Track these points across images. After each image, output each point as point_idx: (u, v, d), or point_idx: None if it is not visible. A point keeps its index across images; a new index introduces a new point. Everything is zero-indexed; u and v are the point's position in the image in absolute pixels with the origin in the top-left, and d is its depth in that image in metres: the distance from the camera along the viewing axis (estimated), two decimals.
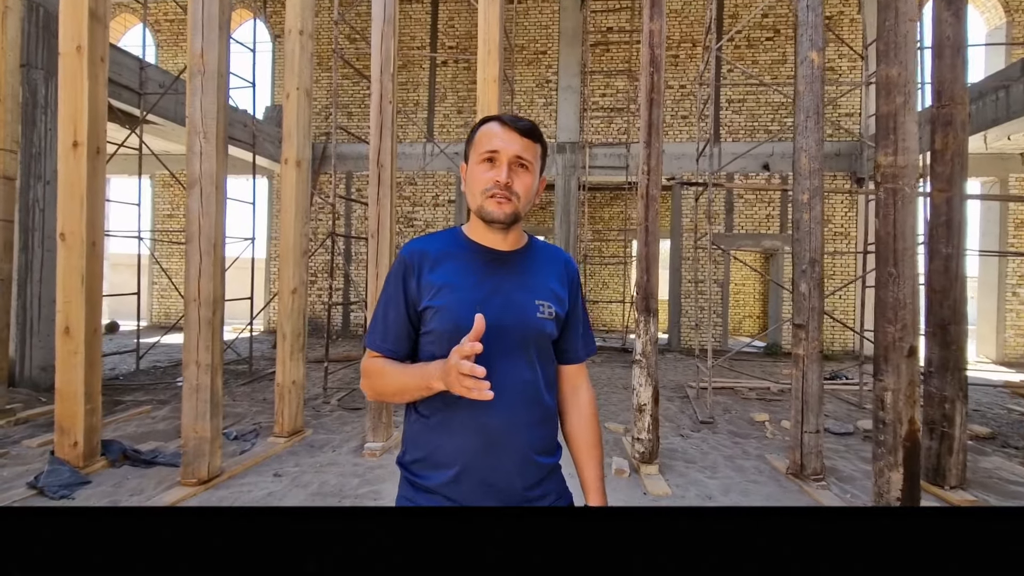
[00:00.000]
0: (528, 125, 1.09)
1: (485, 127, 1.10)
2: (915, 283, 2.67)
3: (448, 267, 1.10)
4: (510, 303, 1.10)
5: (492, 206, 1.06)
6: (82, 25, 3.25)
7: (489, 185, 1.06)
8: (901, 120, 2.65)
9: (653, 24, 3.72)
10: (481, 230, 1.13)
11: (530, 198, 1.11)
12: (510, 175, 1.06)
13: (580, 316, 1.24)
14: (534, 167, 1.10)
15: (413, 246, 1.13)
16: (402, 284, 1.11)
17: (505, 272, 1.12)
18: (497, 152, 1.06)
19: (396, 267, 1.13)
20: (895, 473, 2.70)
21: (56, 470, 3.22)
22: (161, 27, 12.57)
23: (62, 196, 3.30)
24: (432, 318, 1.08)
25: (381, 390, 1.11)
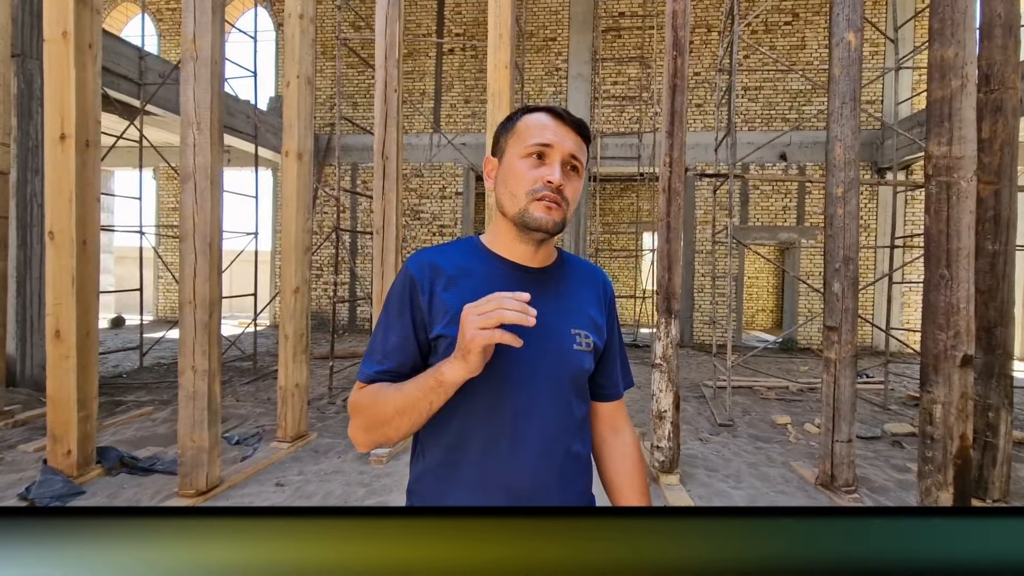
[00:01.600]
0: (581, 121, 0.90)
1: (532, 117, 0.89)
2: (970, 286, 2.44)
3: (466, 286, 0.89)
4: (543, 333, 0.88)
5: (540, 211, 0.86)
6: (67, 9, 3.05)
7: (538, 185, 0.86)
8: (957, 106, 2.40)
9: (676, 4, 3.46)
10: (508, 241, 0.92)
11: (575, 206, 0.91)
12: (563, 176, 0.87)
13: (619, 344, 1.05)
14: (583, 171, 0.91)
15: (423, 258, 0.92)
16: (409, 305, 0.89)
17: (536, 294, 0.90)
18: (550, 147, 0.86)
19: (400, 283, 0.91)
20: (944, 492, 2.48)
21: (48, 480, 3.07)
22: (163, 16, 12.37)
23: (50, 192, 3.12)
24: (446, 349, 0.86)
25: (378, 417, 0.85)
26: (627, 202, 14.18)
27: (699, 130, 10.35)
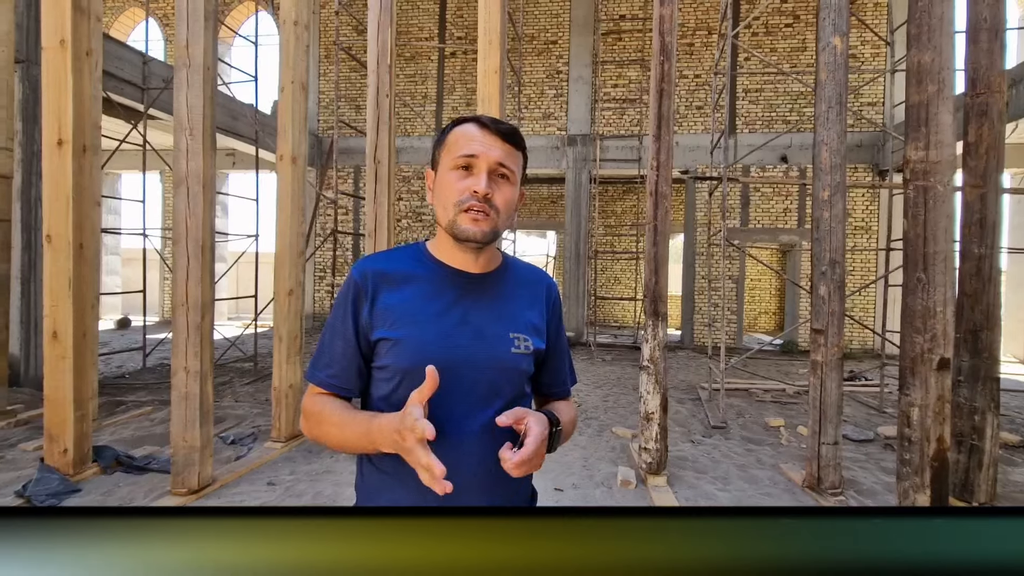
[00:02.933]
0: (511, 128, 0.92)
1: (460, 128, 0.93)
2: (947, 290, 2.45)
3: (407, 291, 0.94)
4: (480, 336, 0.93)
5: (467, 222, 0.89)
6: (65, 17, 3.12)
7: (464, 196, 0.89)
8: (934, 111, 2.42)
9: (664, 9, 3.50)
10: (449, 248, 0.96)
11: (510, 214, 0.94)
12: (490, 185, 0.89)
13: (565, 347, 1.09)
14: (515, 178, 0.93)
15: (366, 265, 0.96)
16: (352, 310, 0.94)
17: (476, 299, 0.96)
18: (475, 157, 0.89)
19: (345, 290, 0.96)
20: (921, 495, 2.50)
21: (45, 478, 3.14)
22: (169, 21, 12.52)
23: (47, 196, 3.20)
24: (388, 352, 0.92)
25: (323, 437, 0.93)
26: (629, 204, 14.19)
27: (699, 132, 10.36)
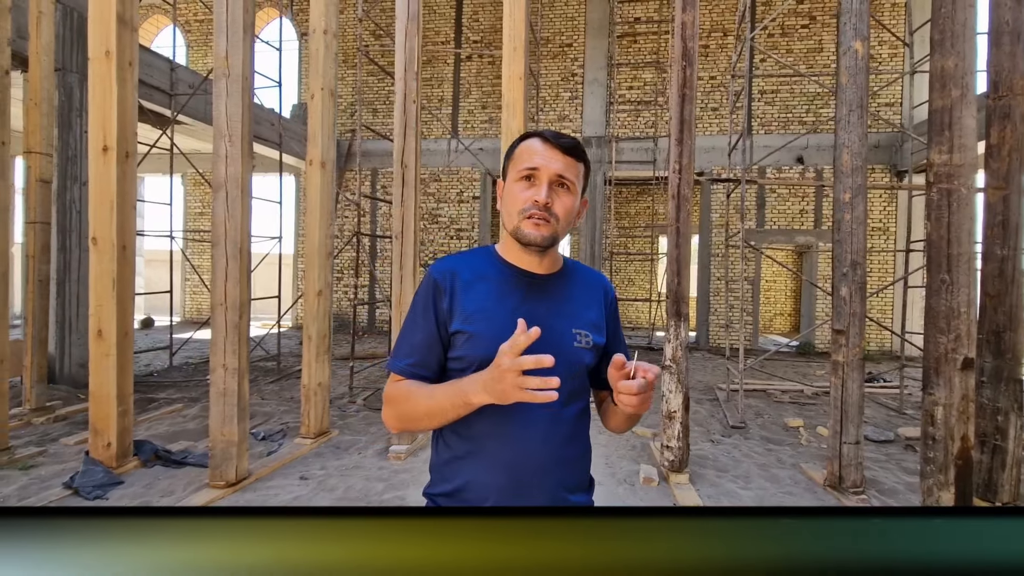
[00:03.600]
0: (571, 142, 1.01)
1: (525, 143, 1.03)
2: (971, 291, 2.49)
3: (481, 290, 1.03)
4: (547, 331, 1.02)
5: (529, 228, 0.99)
6: (110, 30, 3.27)
7: (527, 205, 0.99)
8: (957, 115, 2.47)
9: (686, 15, 3.56)
10: (516, 251, 1.06)
11: (570, 220, 1.03)
12: (550, 195, 0.99)
13: (622, 342, 1.17)
14: (576, 187, 1.02)
15: (444, 266, 1.07)
16: (432, 305, 1.03)
17: (541, 298, 1.05)
18: (537, 170, 0.99)
19: (425, 287, 1.06)
20: (945, 492, 2.54)
21: (90, 470, 3.28)
22: (191, 27, 12.79)
23: (93, 201, 3.34)
24: (463, 344, 1.01)
25: (409, 414, 1.01)
26: (643, 205, 14.21)
27: (715, 134, 10.37)
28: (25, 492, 3.19)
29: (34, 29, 4.47)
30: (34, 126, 4.51)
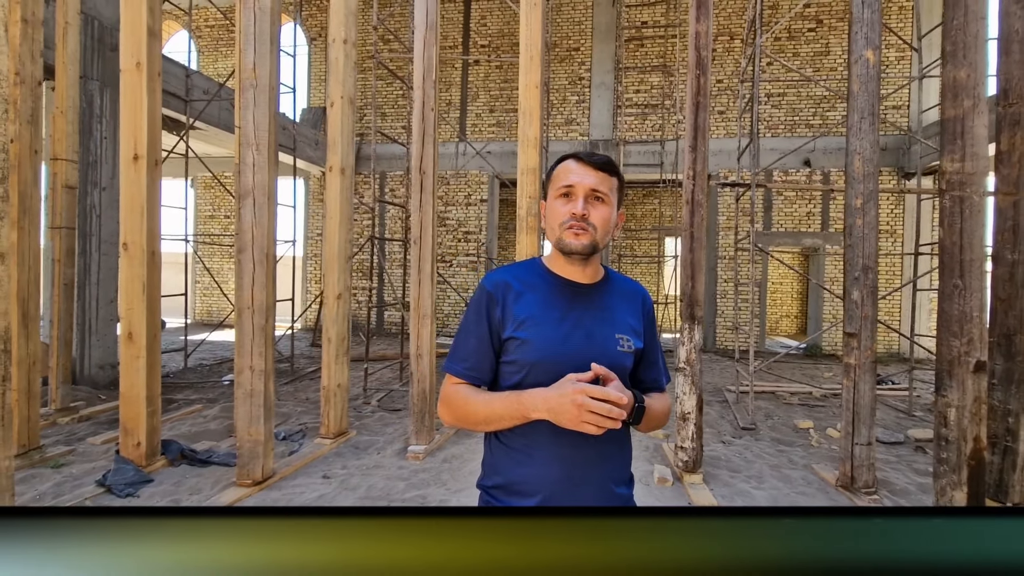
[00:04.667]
0: (604, 159, 1.11)
1: (562, 165, 1.13)
2: (983, 295, 2.56)
3: (530, 299, 1.13)
4: (592, 337, 1.11)
5: (570, 237, 1.09)
6: (141, 42, 3.37)
7: (566, 218, 1.09)
8: (969, 125, 2.54)
9: (700, 25, 3.64)
10: (561, 262, 1.15)
11: (608, 230, 1.12)
12: (586, 207, 1.08)
13: (658, 347, 1.25)
14: (611, 199, 1.11)
15: (496, 277, 1.16)
16: (486, 314, 1.13)
17: (586, 306, 1.14)
18: (573, 187, 1.09)
19: (478, 297, 1.16)
20: (959, 492, 2.60)
21: (121, 469, 3.38)
22: (202, 33, 12.94)
23: (124, 207, 3.44)
24: (516, 349, 1.10)
25: (466, 417, 1.12)
26: (649, 208, 14.28)
27: (721, 136, 10.43)
28: (60, 490, 3.28)
29: (60, 39, 4.58)
30: (60, 133, 4.62)
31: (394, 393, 6.16)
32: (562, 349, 1.08)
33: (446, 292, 11.25)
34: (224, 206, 12.84)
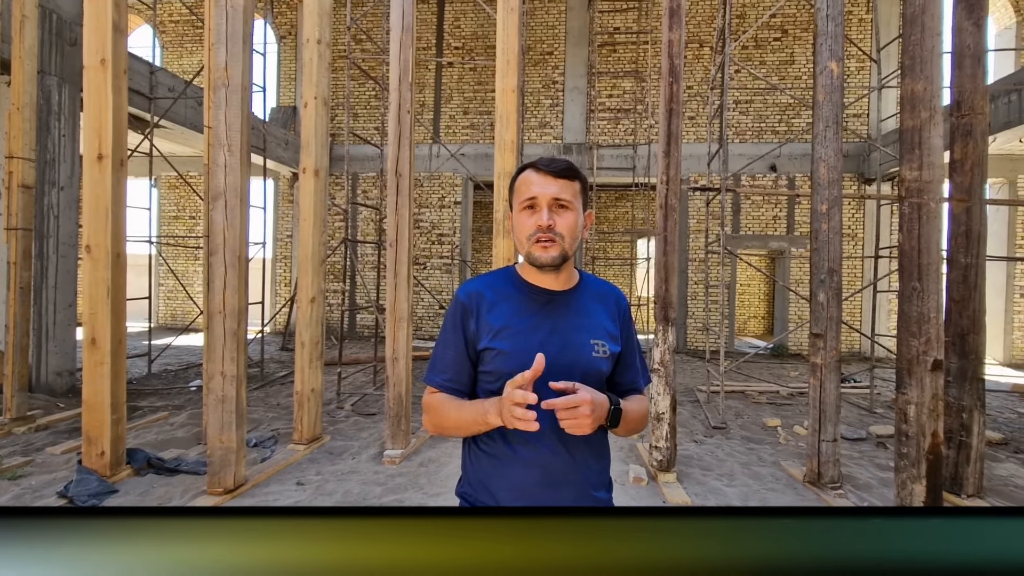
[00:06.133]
0: (563, 165, 1.11)
1: (522, 176, 1.13)
2: (939, 297, 2.69)
3: (505, 309, 1.14)
4: (567, 344, 1.13)
5: (538, 251, 1.09)
6: (106, 38, 3.26)
7: (533, 231, 1.09)
8: (927, 135, 2.67)
9: (672, 34, 3.72)
10: (533, 272, 1.16)
11: (576, 235, 1.12)
12: (551, 217, 1.09)
13: (635, 349, 1.27)
14: (575, 204, 1.11)
15: (469, 288, 1.17)
16: (461, 325, 1.15)
17: (560, 313, 1.15)
18: (535, 198, 1.09)
19: (453, 308, 1.17)
20: (918, 485, 2.72)
21: (84, 479, 3.25)
22: (167, 28, 12.57)
23: (87, 208, 3.32)
24: (492, 359, 1.12)
25: (442, 425, 1.15)
26: (622, 211, 14.48)
27: (691, 142, 10.66)
28: (18, 501, 3.14)
29: (17, 33, 4.40)
30: (16, 130, 4.43)
31: (368, 397, 6.09)
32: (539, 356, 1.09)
33: (420, 295, 11.18)
34: (189, 207, 12.48)
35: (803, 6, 10.55)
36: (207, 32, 3.94)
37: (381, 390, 6.24)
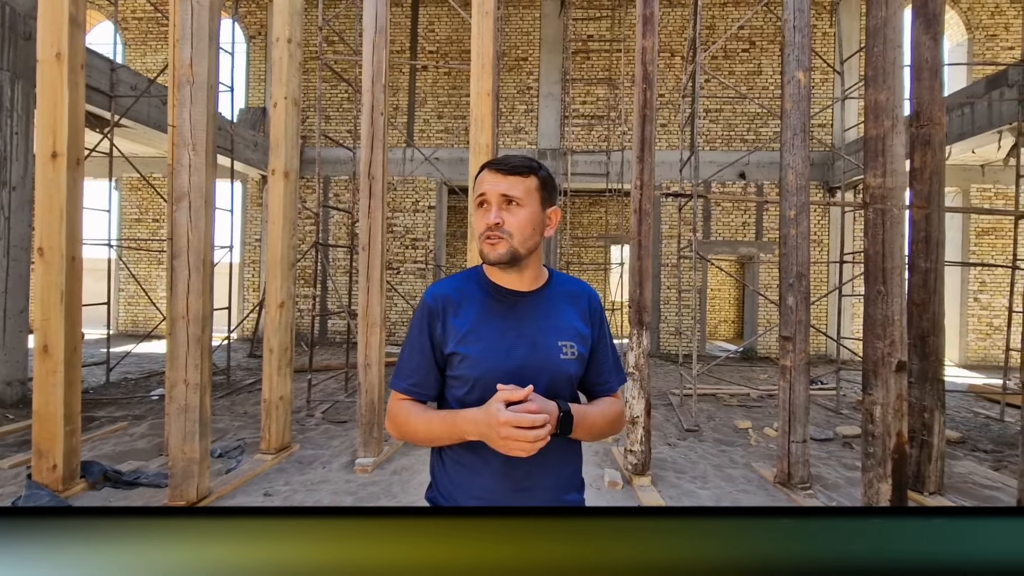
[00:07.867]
0: (516, 162, 1.09)
1: (478, 176, 1.12)
2: (903, 300, 2.77)
3: (471, 311, 1.11)
4: (535, 347, 1.10)
5: (486, 248, 1.08)
6: (62, 31, 3.12)
7: (482, 229, 1.08)
8: (889, 143, 2.75)
9: (646, 41, 3.77)
10: (497, 271, 1.13)
11: (528, 233, 1.08)
12: (499, 215, 1.06)
13: (608, 348, 1.23)
14: (528, 201, 1.08)
15: (436, 291, 1.14)
16: (427, 329, 1.11)
17: (527, 314, 1.12)
18: (485, 194, 1.08)
19: (420, 312, 1.13)
20: (884, 484, 2.79)
21: (34, 495, 3.08)
22: (129, 25, 12.18)
23: (40, 209, 3.16)
24: (460, 363, 1.08)
25: (409, 435, 1.11)
26: (596, 216, 14.59)
27: (663, 149, 10.83)
28: None
29: None
30: None
31: (339, 404, 5.96)
32: (505, 362, 1.06)
33: (393, 300, 11.04)
34: (152, 209, 12.08)
35: (770, 19, 10.86)
36: (172, 28, 3.81)
37: (353, 397, 6.11)
